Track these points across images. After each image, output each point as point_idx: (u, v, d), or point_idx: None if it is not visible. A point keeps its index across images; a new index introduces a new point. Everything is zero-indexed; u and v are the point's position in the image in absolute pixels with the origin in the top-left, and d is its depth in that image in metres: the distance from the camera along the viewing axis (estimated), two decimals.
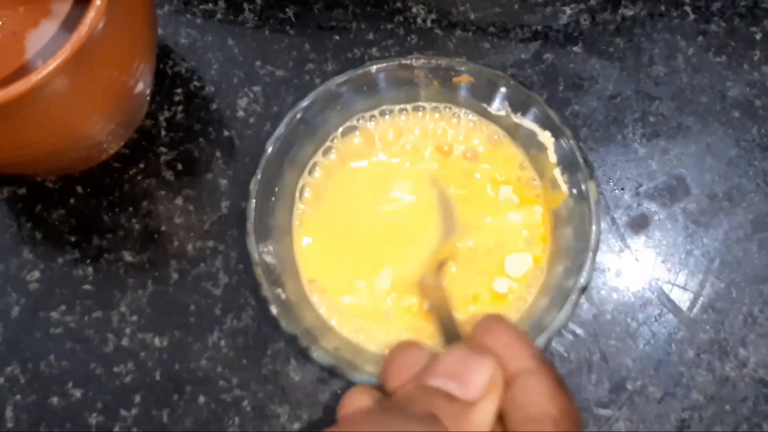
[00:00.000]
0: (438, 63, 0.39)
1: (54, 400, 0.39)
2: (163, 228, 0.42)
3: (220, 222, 0.42)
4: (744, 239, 0.41)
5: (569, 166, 0.38)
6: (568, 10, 0.45)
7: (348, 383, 0.38)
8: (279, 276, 0.37)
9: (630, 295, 0.41)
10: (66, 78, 0.32)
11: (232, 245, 0.41)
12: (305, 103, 0.38)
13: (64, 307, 0.40)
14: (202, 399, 0.39)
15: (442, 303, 0.36)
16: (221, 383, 0.39)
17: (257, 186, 0.37)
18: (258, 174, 0.37)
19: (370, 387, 0.29)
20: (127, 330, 0.40)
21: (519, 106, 0.39)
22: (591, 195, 0.36)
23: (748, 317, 0.40)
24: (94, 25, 0.31)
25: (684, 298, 0.41)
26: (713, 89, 0.44)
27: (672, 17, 0.45)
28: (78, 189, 0.42)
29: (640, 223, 0.42)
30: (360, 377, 0.34)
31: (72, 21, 0.42)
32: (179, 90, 0.44)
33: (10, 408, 0.39)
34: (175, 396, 0.39)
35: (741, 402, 0.39)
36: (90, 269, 0.41)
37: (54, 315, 0.40)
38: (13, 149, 0.35)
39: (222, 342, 0.40)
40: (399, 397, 0.27)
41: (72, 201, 0.42)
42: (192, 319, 0.40)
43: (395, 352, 0.29)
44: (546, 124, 0.38)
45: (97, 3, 0.32)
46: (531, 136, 0.39)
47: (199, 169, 0.43)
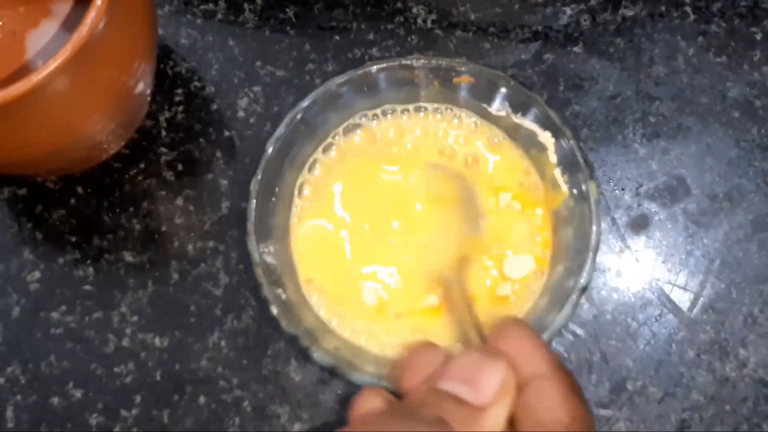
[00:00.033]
0: (438, 63, 0.39)
1: (54, 400, 0.39)
2: (164, 228, 0.42)
3: (220, 222, 0.42)
4: (744, 239, 0.41)
5: (569, 166, 0.38)
6: (568, 10, 0.45)
7: (348, 384, 0.38)
8: (279, 276, 0.37)
9: (630, 296, 0.41)
10: (66, 78, 0.32)
11: (232, 245, 0.41)
12: (305, 104, 0.38)
13: (64, 308, 0.40)
14: (202, 399, 0.39)
15: (463, 300, 0.35)
16: (222, 383, 0.39)
17: (258, 186, 0.37)
18: (258, 174, 0.37)
19: (382, 389, 0.29)
20: (128, 330, 0.40)
21: (519, 106, 0.39)
22: (591, 195, 0.36)
23: (748, 317, 0.40)
24: (94, 25, 0.31)
25: (684, 298, 0.41)
26: (713, 90, 0.44)
27: (672, 17, 0.45)
28: (78, 189, 0.42)
29: (640, 224, 0.42)
30: (360, 377, 0.34)
31: (72, 21, 0.42)
32: (180, 90, 0.44)
33: (10, 408, 0.39)
34: (176, 396, 0.39)
35: (741, 402, 0.39)
36: (90, 269, 0.41)
37: (54, 315, 0.40)
38: (14, 149, 0.35)
39: (222, 342, 0.40)
40: (410, 400, 0.27)
41: (72, 201, 0.42)
42: (192, 320, 0.40)
43: (411, 352, 0.29)
44: (546, 124, 0.38)
45: (98, 3, 0.32)
46: (531, 136, 0.39)
47: (200, 170, 0.43)
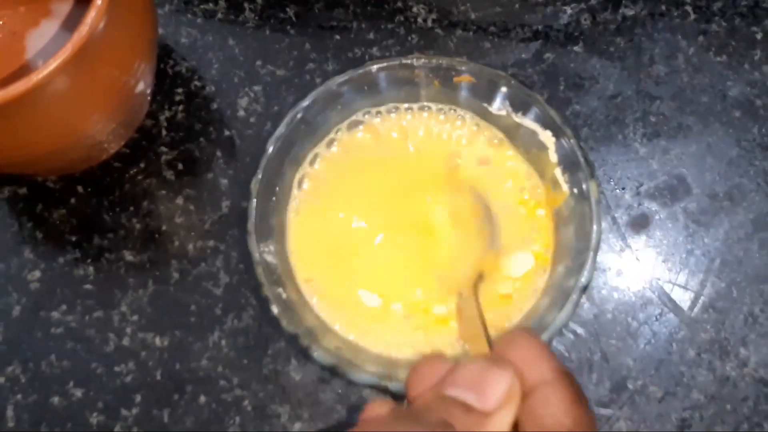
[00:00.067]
0: (439, 62, 0.39)
1: (55, 399, 0.39)
2: (164, 228, 0.42)
3: (220, 222, 0.42)
4: (745, 239, 0.41)
5: (570, 165, 0.38)
6: (568, 9, 0.45)
7: (349, 383, 0.38)
8: (280, 276, 0.37)
9: (631, 295, 0.41)
10: (67, 78, 0.32)
11: (232, 245, 0.41)
12: (306, 103, 0.38)
13: (65, 307, 0.40)
14: (202, 399, 0.39)
15: (475, 318, 0.35)
16: (222, 383, 0.39)
17: (258, 185, 0.37)
18: (259, 173, 0.37)
19: (389, 401, 0.30)
20: (128, 330, 0.40)
21: (520, 105, 0.39)
22: (592, 194, 0.36)
23: (748, 317, 0.40)
24: (95, 25, 0.31)
25: (685, 297, 0.41)
26: (714, 89, 0.44)
27: (673, 17, 0.45)
28: (79, 189, 0.42)
29: (640, 223, 0.42)
30: (361, 376, 0.34)
31: (72, 21, 0.42)
32: (180, 90, 0.44)
33: (11, 408, 0.39)
34: (176, 396, 0.39)
35: (742, 401, 0.39)
36: (91, 269, 0.41)
37: (55, 315, 0.40)
38: (14, 149, 0.35)
39: (223, 342, 0.40)
40: (417, 406, 0.28)
41: (73, 201, 0.42)
42: (193, 319, 0.40)
43: (420, 362, 0.30)
44: (547, 123, 0.38)
45: (98, 3, 0.32)
46: (532, 135, 0.39)
47: (200, 169, 0.43)
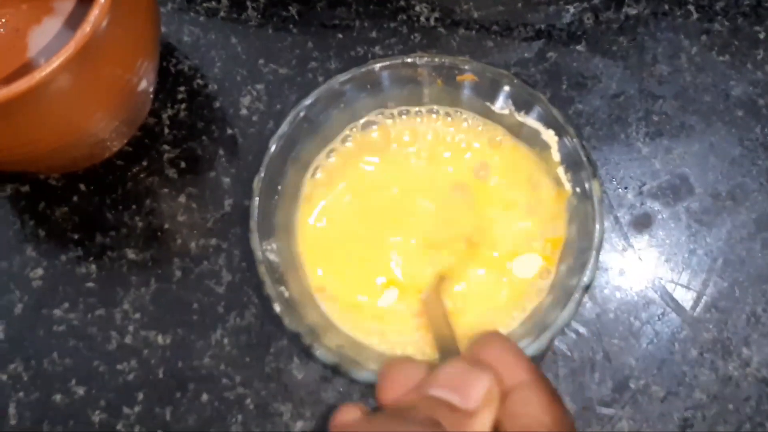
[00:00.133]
0: (441, 61, 0.39)
1: (57, 397, 0.39)
2: (166, 226, 0.42)
3: (223, 220, 0.42)
4: (747, 238, 0.41)
5: (572, 164, 0.37)
6: (571, 8, 0.45)
7: (351, 381, 0.38)
8: (282, 274, 0.37)
9: (633, 294, 0.41)
10: (69, 76, 0.32)
11: (235, 243, 0.41)
12: (308, 102, 0.38)
13: (67, 305, 0.40)
14: (205, 397, 0.39)
15: (441, 319, 0.36)
16: (224, 381, 0.39)
17: (260, 184, 0.37)
18: (261, 172, 0.37)
19: (359, 405, 0.29)
20: (130, 328, 0.40)
21: (522, 104, 0.39)
22: (594, 193, 0.36)
23: (751, 317, 0.40)
24: (98, 23, 0.31)
25: (687, 297, 0.40)
26: (717, 88, 0.44)
27: (675, 16, 0.45)
28: (81, 187, 0.42)
29: (643, 222, 0.42)
30: (363, 375, 0.34)
31: (74, 19, 0.42)
32: (182, 88, 0.44)
33: (13, 405, 0.39)
34: (178, 394, 0.39)
35: (744, 401, 0.39)
36: (93, 267, 0.41)
37: (57, 312, 0.40)
38: (16, 147, 0.35)
39: (225, 340, 0.40)
40: (401, 405, 0.28)
41: (75, 199, 0.42)
42: (195, 317, 0.40)
43: (389, 367, 0.30)
44: (549, 122, 0.38)
45: (101, 1, 0.32)
46: (534, 134, 0.39)
47: (203, 167, 0.43)
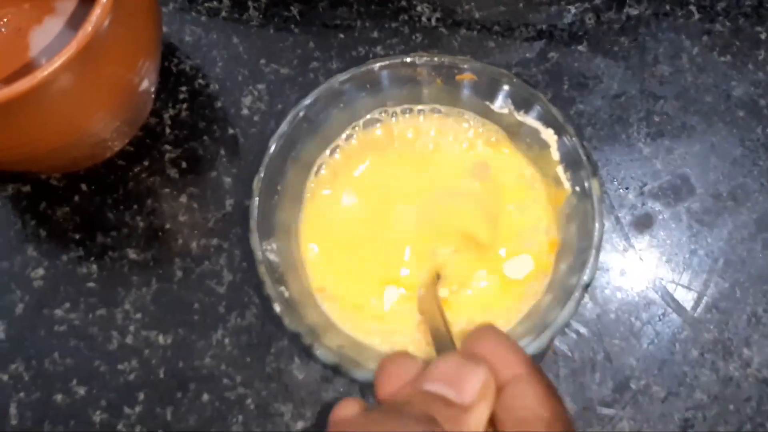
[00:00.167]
0: (441, 61, 0.39)
1: (58, 397, 0.39)
2: (168, 226, 0.42)
3: (224, 220, 0.42)
4: (748, 239, 0.41)
5: (572, 163, 0.37)
6: (572, 9, 0.45)
7: (352, 381, 0.38)
8: (282, 274, 0.37)
9: (634, 295, 0.40)
10: (71, 75, 0.32)
11: (236, 243, 0.41)
12: (308, 101, 0.38)
13: (68, 305, 0.41)
14: (205, 397, 0.39)
15: (436, 315, 0.36)
16: (225, 381, 0.39)
17: (260, 184, 0.37)
18: (261, 172, 0.37)
19: (359, 399, 0.30)
20: (131, 327, 0.40)
21: (522, 103, 0.39)
22: (594, 192, 0.36)
23: (752, 317, 0.40)
24: (99, 23, 0.32)
25: (688, 297, 0.40)
26: (718, 89, 0.44)
27: (677, 17, 0.45)
28: (82, 186, 0.43)
29: (644, 223, 0.42)
30: (363, 375, 0.34)
31: (76, 19, 0.42)
32: (184, 88, 0.44)
33: (14, 405, 0.39)
34: (179, 394, 0.39)
35: (745, 402, 0.39)
36: (94, 267, 0.41)
37: (58, 312, 0.40)
38: (18, 146, 0.35)
39: (226, 340, 0.40)
40: (396, 400, 0.28)
41: (76, 198, 0.42)
42: (196, 317, 0.40)
43: (387, 362, 0.30)
44: (549, 121, 0.38)
45: (103, 0, 0.32)
46: (534, 133, 0.38)
47: (204, 167, 0.43)
